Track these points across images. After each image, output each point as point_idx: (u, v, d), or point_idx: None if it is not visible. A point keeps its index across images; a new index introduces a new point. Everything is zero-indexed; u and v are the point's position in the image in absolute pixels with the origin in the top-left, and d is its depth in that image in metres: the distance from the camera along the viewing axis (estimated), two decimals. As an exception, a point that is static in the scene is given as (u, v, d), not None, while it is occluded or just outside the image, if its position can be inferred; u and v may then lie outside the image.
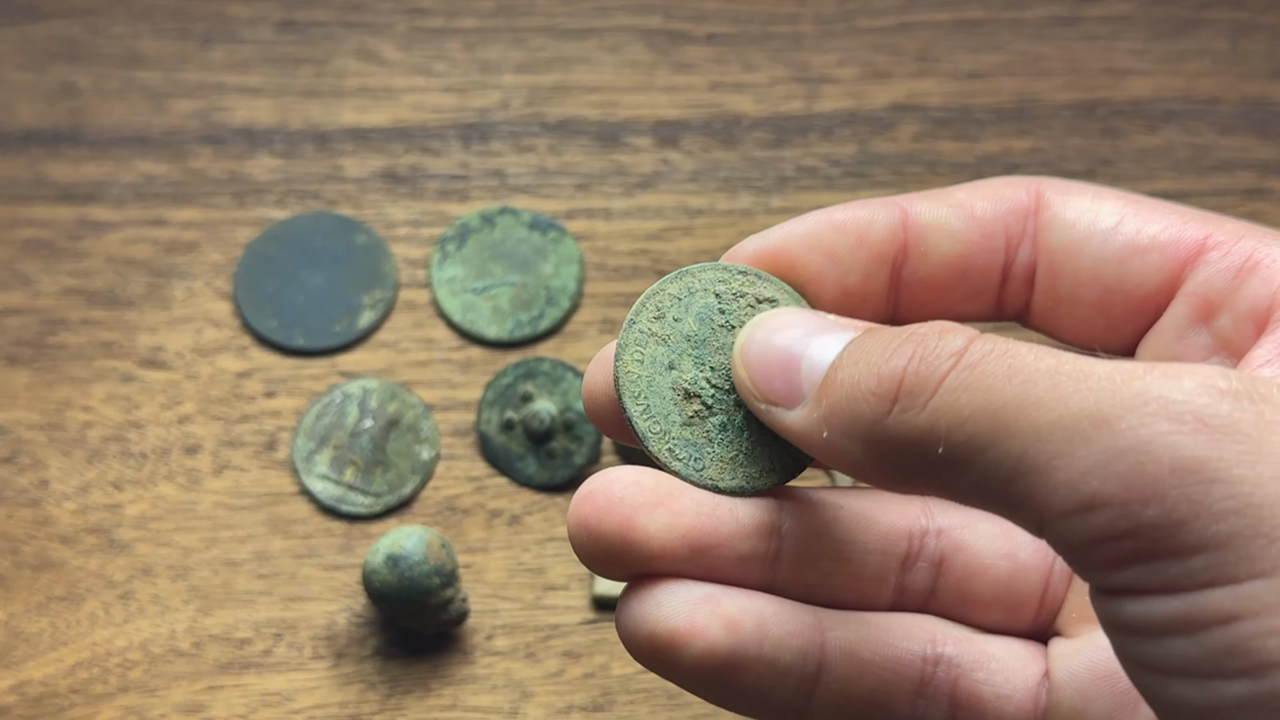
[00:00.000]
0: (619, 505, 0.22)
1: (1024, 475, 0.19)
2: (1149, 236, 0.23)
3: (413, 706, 0.39)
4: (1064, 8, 0.50)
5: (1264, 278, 0.22)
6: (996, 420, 0.19)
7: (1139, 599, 0.19)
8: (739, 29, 0.49)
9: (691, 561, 0.23)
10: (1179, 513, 0.18)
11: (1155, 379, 0.18)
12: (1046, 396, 0.18)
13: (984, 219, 0.24)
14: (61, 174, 0.46)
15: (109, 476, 0.42)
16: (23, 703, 0.39)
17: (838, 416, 0.21)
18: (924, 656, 0.24)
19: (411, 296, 0.45)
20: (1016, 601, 0.25)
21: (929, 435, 0.19)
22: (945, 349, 0.20)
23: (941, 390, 0.19)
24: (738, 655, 0.22)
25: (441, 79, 0.48)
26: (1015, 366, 0.19)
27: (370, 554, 0.38)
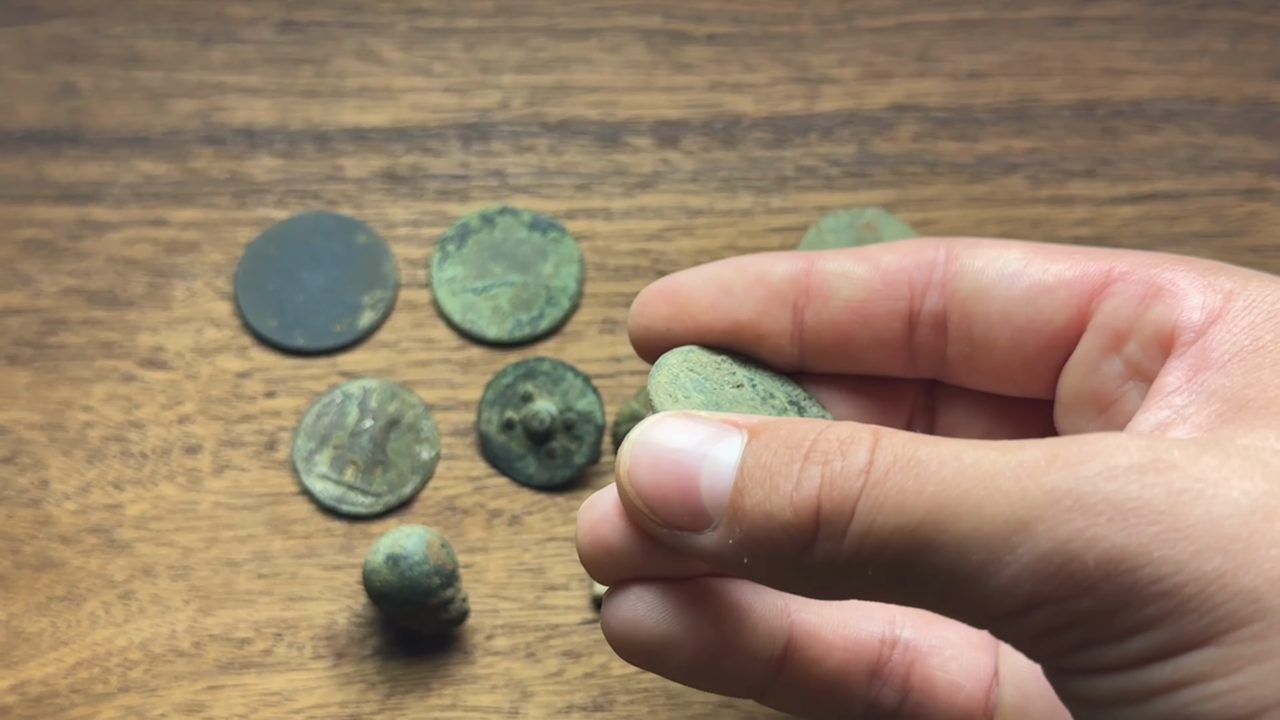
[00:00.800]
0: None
1: (956, 586, 0.19)
2: (1054, 275, 0.24)
3: (413, 706, 0.39)
4: (1064, 8, 0.50)
5: (1168, 303, 0.23)
6: (916, 538, 0.19)
7: (1087, 678, 0.19)
8: (739, 29, 0.49)
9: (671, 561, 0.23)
10: (1110, 602, 0.18)
11: (1059, 471, 0.19)
12: (960, 506, 0.19)
13: (888, 269, 0.25)
14: (62, 174, 0.46)
15: (109, 476, 0.42)
16: (23, 703, 0.39)
17: (758, 545, 0.21)
18: (882, 638, 0.25)
19: (411, 296, 0.45)
20: None
21: (856, 561, 0.20)
22: (852, 467, 0.20)
23: (857, 515, 0.20)
24: (721, 649, 0.23)
25: (441, 79, 0.48)
26: (921, 477, 0.19)
27: (370, 554, 0.38)
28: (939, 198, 0.46)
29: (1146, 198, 0.47)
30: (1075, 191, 0.47)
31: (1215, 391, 0.21)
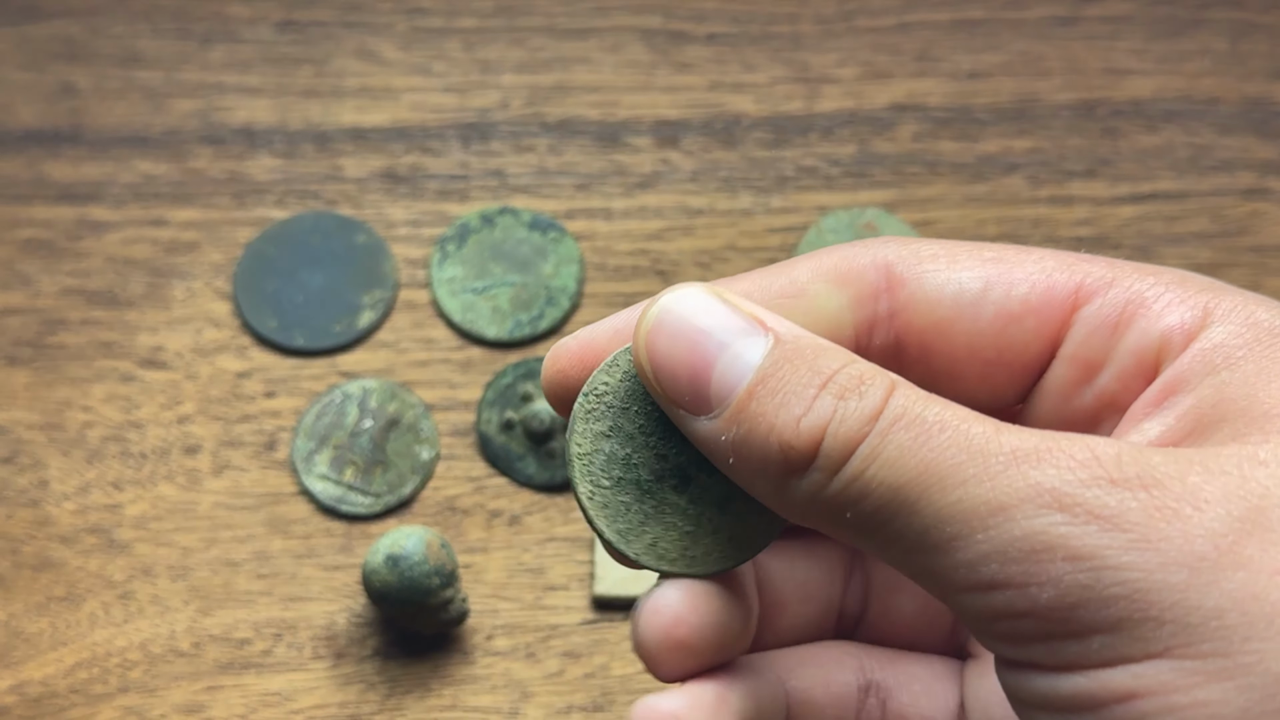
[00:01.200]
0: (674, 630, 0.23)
1: (926, 551, 0.19)
2: (1020, 300, 0.23)
3: (413, 706, 0.39)
4: (1064, 8, 0.50)
5: (1143, 326, 0.22)
6: (901, 495, 0.19)
7: (1041, 674, 0.19)
8: (739, 29, 0.49)
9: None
10: (1072, 595, 0.18)
11: (1049, 468, 0.19)
12: (949, 477, 0.19)
13: (825, 310, 0.23)
14: (61, 174, 0.46)
15: (109, 476, 0.42)
16: (23, 703, 0.39)
17: (750, 450, 0.20)
18: (859, 685, 0.25)
19: (411, 296, 0.45)
20: (933, 614, 0.26)
21: (838, 500, 0.20)
22: (865, 409, 0.20)
23: (854, 458, 0.20)
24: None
25: (441, 79, 0.48)
26: (920, 438, 0.19)
27: (370, 554, 0.38)
28: (939, 197, 0.46)
29: (1147, 198, 0.47)
30: (1075, 191, 0.46)
31: (1184, 413, 0.21)
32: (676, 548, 0.23)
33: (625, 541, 0.23)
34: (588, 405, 0.23)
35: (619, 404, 0.23)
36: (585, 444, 0.23)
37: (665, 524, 0.23)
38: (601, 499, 0.23)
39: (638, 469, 0.23)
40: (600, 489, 0.23)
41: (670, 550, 0.23)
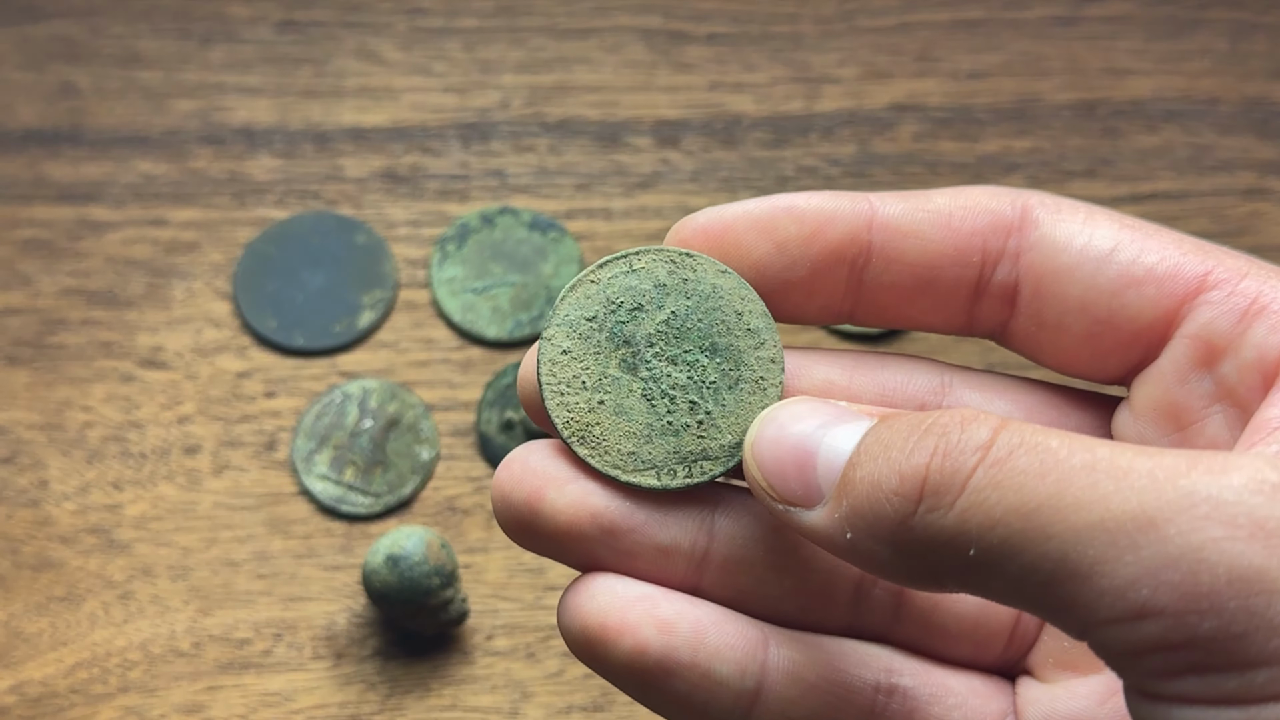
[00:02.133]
0: (532, 476, 0.22)
1: (1064, 581, 0.18)
2: (1145, 268, 0.22)
3: (413, 706, 0.39)
4: (1064, 8, 0.50)
5: (1272, 324, 0.21)
6: (1030, 522, 0.18)
7: (1190, 707, 0.18)
8: (739, 29, 0.49)
9: (603, 544, 0.22)
10: (1238, 626, 0.17)
11: (1201, 476, 0.17)
12: (1085, 496, 0.17)
13: (961, 230, 0.23)
14: (61, 174, 0.46)
15: (109, 477, 0.42)
16: (22, 703, 0.39)
17: (861, 518, 0.19)
18: (876, 685, 0.23)
19: (411, 296, 0.45)
20: (985, 636, 0.24)
21: (959, 537, 0.18)
22: (970, 442, 0.19)
23: (969, 489, 0.18)
24: (669, 659, 0.22)
25: (441, 79, 0.48)
26: (1047, 463, 0.18)
27: (370, 554, 0.38)
28: (939, 198, 0.46)
29: (1147, 197, 0.47)
30: (1076, 191, 0.46)
31: None
32: (619, 439, 0.23)
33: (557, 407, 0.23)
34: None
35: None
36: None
37: (619, 406, 0.23)
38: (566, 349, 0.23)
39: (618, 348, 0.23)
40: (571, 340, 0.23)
41: (607, 438, 0.23)
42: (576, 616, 0.22)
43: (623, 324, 0.23)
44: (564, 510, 0.22)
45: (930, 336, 0.43)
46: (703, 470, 0.22)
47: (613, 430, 0.23)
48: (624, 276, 0.23)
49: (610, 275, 0.23)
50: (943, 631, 0.24)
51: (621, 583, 0.22)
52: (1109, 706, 0.23)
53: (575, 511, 0.22)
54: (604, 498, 0.22)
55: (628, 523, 0.22)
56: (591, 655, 0.22)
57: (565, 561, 0.23)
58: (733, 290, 0.23)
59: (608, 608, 0.22)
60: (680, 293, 0.23)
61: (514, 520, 0.22)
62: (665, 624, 0.22)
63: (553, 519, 0.22)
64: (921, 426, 0.19)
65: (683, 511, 0.22)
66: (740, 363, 0.23)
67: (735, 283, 0.23)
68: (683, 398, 0.23)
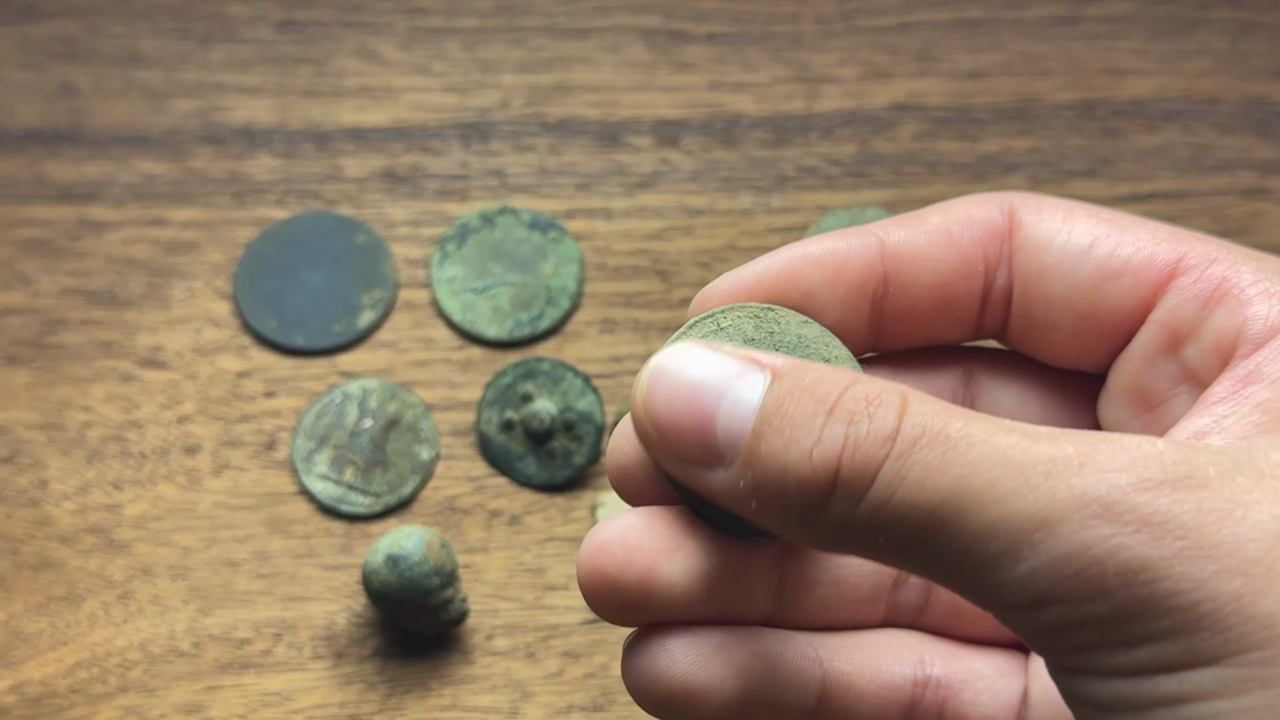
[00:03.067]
0: (639, 554, 0.22)
1: (967, 570, 0.19)
2: (1121, 260, 0.23)
3: (413, 706, 0.39)
4: (1064, 7, 0.50)
5: (1231, 309, 0.22)
6: (935, 517, 0.19)
7: (1091, 679, 0.19)
8: (739, 29, 0.49)
9: (709, 604, 0.23)
10: (1126, 609, 0.18)
11: (1092, 475, 0.18)
12: (985, 495, 0.18)
13: (962, 244, 0.24)
14: (61, 174, 0.46)
15: (108, 476, 0.42)
16: (22, 703, 0.39)
17: (769, 494, 0.20)
18: (914, 679, 0.24)
19: (411, 296, 0.45)
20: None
21: (869, 527, 0.19)
22: (879, 432, 0.19)
23: (877, 483, 0.19)
24: (748, 701, 0.22)
25: (441, 79, 0.48)
26: (948, 456, 0.19)
27: (370, 554, 0.38)
28: (939, 197, 0.46)
29: (1147, 197, 0.47)
30: (1076, 191, 0.46)
31: (1259, 404, 0.20)
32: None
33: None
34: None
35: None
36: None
37: None
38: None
39: None
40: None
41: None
42: (659, 680, 0.22)
43: None
44: (679, 582, 0.22)
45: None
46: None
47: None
48: (715, 335, 0.23)
49: (702, 335, 0.23)
50: (966, 615, 0.25)
51: (695, 637, 0.22)
52: None
53: (689, 581, 0.22)
54: (708, 558, 0.22)
55: (733, 578, 0.23)
56: (674, 713, 0.22)
57: (663, 621, 0.23)
58: (817, 338, 0.23)
59: (692, 668, 0.22)
60: (768, 344, 0.23)
61: (623, 603, 0.22)
62: (744, 670, 0.22)
63: (669, 593, 0.22)
64: (826, 404, 0.20)
65: (767, 555, 0.23)
66: None
67: (819, 331, 0.23)
68: None
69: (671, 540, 0.22)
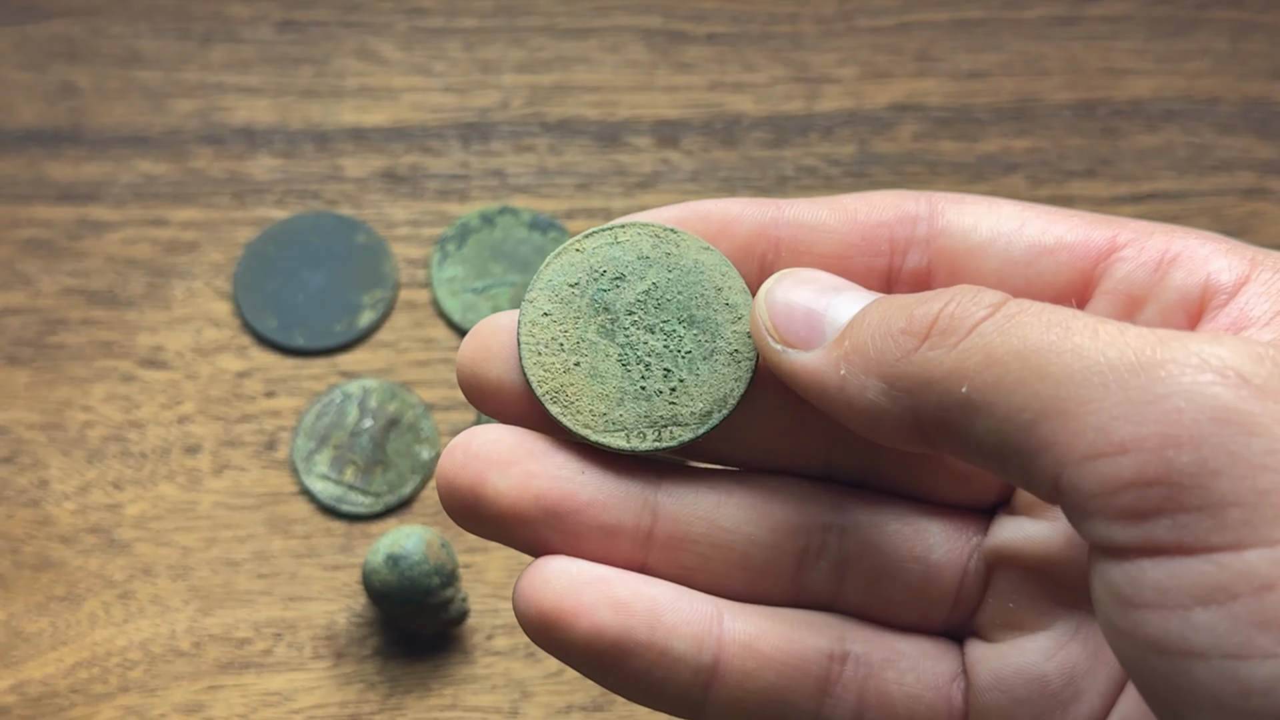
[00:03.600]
0: (475, 460, 0.22)
1: (1051, 418, 0.18)
2: (1055, 236, 0.23)
3: (413, 706, 0.39)
4: (1064, 7, 0.50)
5: (1189, 268, 0.22)
6: (1028, 363, 0.18)
7: (1157, 560, 0.17)
8: (739, 29, 0.49)
9: (548, 526, 0.22)
10: (1215, 461, 0.17)
11: (1197, 340, 0.18)
12: (1084, 344, 0.18)
13: (866, 222, 0.24)
14: (61, 174, 0.46)
15: (109, 476, 0.42)
16: (23, 703, 0.39)
17: (860, 353, 0.20)
18: (830, 654, 0.23)
19: (411, 296, 0.45)
20: (929, 603, 0.24)
21: (955, 373, 0.19)
22: (983, 299, 0.20)
23: (975, 332, 0.19)
24: (626, 640, 0.22)
25: (441, 79, 0.48)
26: (1054, 319, 0.19)
27: (370, 554, 0.38)
28: (939, 197, 0.46)
29: (1147, 197, 0.47)
30: (1075, 191, 0.46)
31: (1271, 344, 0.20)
32: (592, 400, 0.23)
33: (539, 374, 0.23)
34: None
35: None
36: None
37: (593, 368, 0.23)
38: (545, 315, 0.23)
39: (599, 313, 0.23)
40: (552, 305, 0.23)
41: (581, 397, 0.23)
42: (532, 601, 0.22)
43: (604, 292, 0.23)
44: (506, 494, 0.22)
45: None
46: (672, 435, 0.23)
47: (586, 392, 0.23)
48: (608, 248, 0.24)
49: (595, 245, 0.24)
50: (888, 601, 0.24)
51: (575, 565, 0.22)
52: (1057, 660, 0.23)
53: (518, 495, 0.22)
54: (547, 480, 0.22)
55: (570, 504, 0.23)
56: (548, 639, 0.22)
57: (512, 545, 0.23)
58: (714, 266, 0.24)
59: (562, 591, 0.22)
60: (663, 265, 0.23)
61: (458, 505, 0.23)
62: (620, 604, 0.22)
63: (495, 502, 0.22)
64: (935, 290, 0.20)
65: (626, 492, 0.23)
66: (717, 335, 0.23)
67: (717, 259, 0.24)
68: (657, 365, 0.23)
69: (513, 454, 0.22)
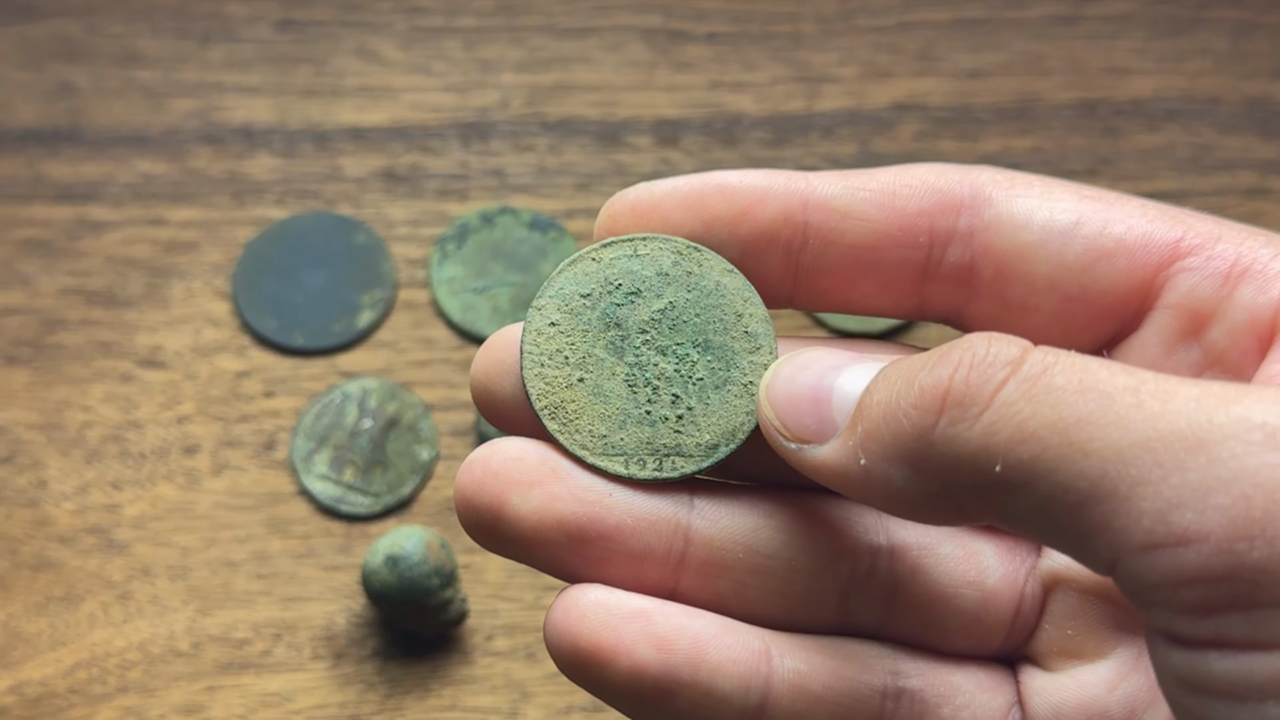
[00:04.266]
0: (494, 480, 0.21)
1: (1099, 501, 0.16)
2: (1114, 239, 0.21)
3: (412, 707, 0.39)
4: (1065, 7, 0.50)
5: (1259, 284, 0.20)
6: (1067, 437, 0.17)
7: (1227, 654, 0.16)
8: (739, 28, 0.49)
9: (573, 551, 0.21)
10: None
11: (1254, 404, 0.16)
12: (1129, 415, 0.16)
13: (905, 210, 0.21)
14: (60, 173, 0.46)
15: (108, 476, 0.42)
16: (21, 703, 0.39)
17: (875, 439, 0.19)
18: (884, 691, 0.22)
19: (411, 296, 0.44)
20: (984, 631, 0.23)
21: (984, 452, 0.17)
22: (999, 357, 0.18)
23: (998, 401, 0.17)
24: (668, 679, 0.20)
25: (441, 78, 0.48)
26: (1086, 381, 0.17)
27: (369, 554, 0.38)
28: (940, 197, 0.46)
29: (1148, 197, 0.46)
30: (1076, 191, 0.46)
31: None
32: (594, 422, 0.22)
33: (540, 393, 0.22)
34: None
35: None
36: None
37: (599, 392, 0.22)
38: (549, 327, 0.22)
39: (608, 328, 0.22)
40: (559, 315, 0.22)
41: (582, 418, 0.22)
42: (566, 636, 0.21)
43: (617, 306, 0.22)
44: (528, 517, 0.21)
45: (934, 328, 0.43)
46: (674, 466, 0.22)
47: (587, 410, 0.22)
48: (627, 260, 0.22)
49: (613, 256, 0.22)
50: (940, 629, 0.23)
51: (613, 596, 0.21)
52: (1119, 693, 0.22)
53: (540, 518, 0.21)
54: (571, 503, 0.21)
55: (597, 529, 0.21)
56: (584, 676, 0.21)
57: (534, 567, 0.21)
58: (736, 291, 0.22)
59: (600, 626, 0.20)
60: (683, 285, 0.22)
61: (477, 526, 0.21)
62: (663, 641, 0.20)
63: (516, 525, 0.21)
64: (943, 348, 0.18)
65: (656, 514, 0.21)
66: (731, 364, 0.22)
67: (740, 284, 0.22)
68: (666, 389, 0.22)
69: (536, 474, 0.21)
